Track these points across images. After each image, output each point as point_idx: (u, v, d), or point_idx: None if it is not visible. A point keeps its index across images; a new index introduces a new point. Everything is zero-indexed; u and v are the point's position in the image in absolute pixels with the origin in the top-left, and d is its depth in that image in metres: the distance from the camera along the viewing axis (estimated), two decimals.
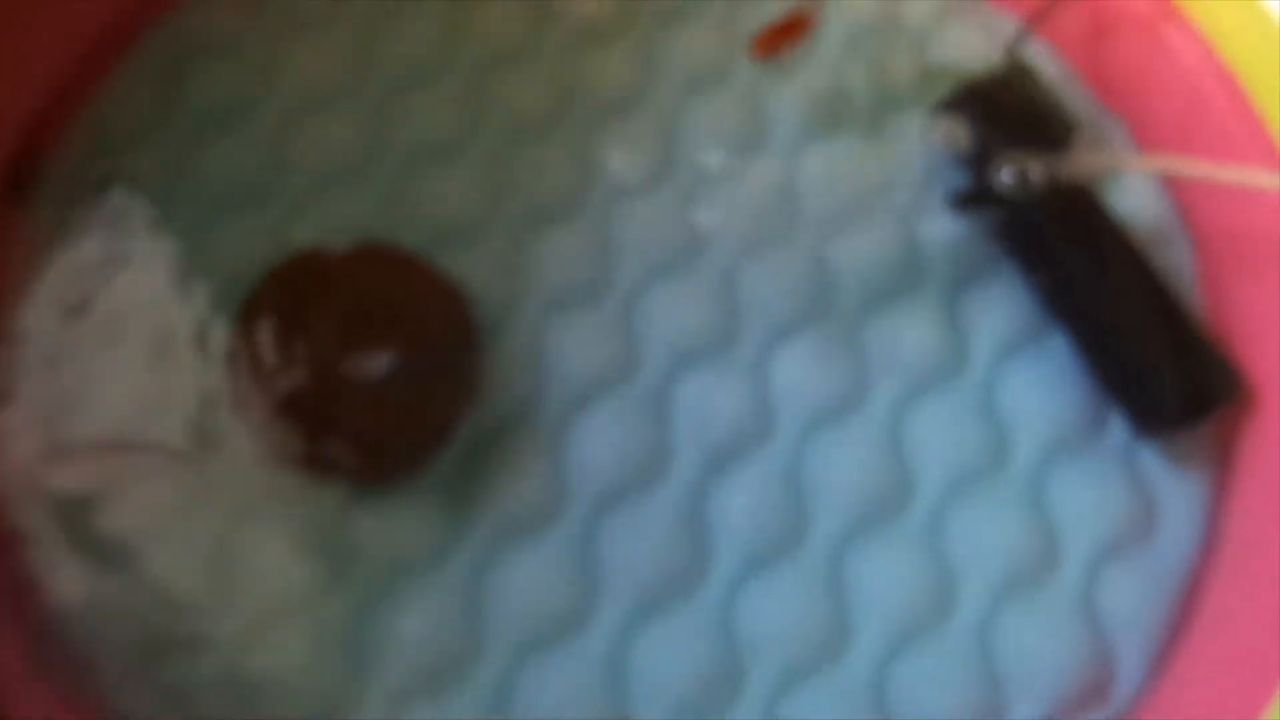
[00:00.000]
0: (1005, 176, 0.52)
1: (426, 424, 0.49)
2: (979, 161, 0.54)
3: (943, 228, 0.55)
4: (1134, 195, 0.56)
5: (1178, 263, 0.55)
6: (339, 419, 0.48)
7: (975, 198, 0.54)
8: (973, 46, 0.59)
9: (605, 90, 0.57)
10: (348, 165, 0.55)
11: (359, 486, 0.49)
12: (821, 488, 0.51)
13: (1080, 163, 0.52)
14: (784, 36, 0.58)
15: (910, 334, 0.54)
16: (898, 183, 0.56)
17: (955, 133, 0.54)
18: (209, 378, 0.50)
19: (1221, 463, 0.51)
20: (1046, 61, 0.58)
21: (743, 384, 0.52)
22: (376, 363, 0.48)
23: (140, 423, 0.49)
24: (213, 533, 0.48)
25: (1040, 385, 0.53)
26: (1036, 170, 0.52)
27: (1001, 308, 0.54)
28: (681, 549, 0.50)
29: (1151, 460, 0.51)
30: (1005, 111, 0.55)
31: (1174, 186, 0.57)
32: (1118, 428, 0.52)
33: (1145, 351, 0.51)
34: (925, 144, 0.56)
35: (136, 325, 0.51)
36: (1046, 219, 0.53)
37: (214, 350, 0.50)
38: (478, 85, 0.57)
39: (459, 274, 0.52)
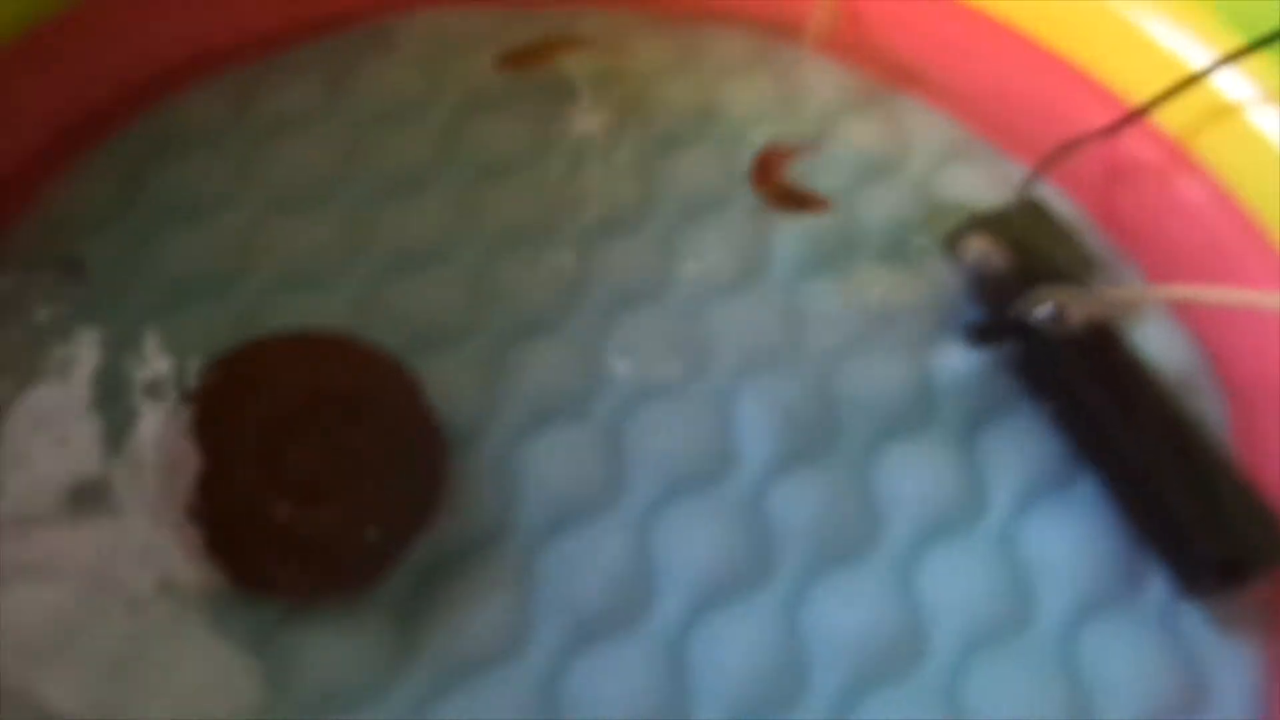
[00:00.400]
0: (1041, 313, 0.49)
1: (376, 535, 0.44)
2: (996, 293, 0.51)
3: (957, 361, 0.51)
4: (1159, 341, 0.52)
5: (1209, 414, 0.51)
6: (274, 524, 0.43)
7: (994, 331, 0.51)
8: (981, 187, 0.57)
9: (601, 206, 0.55)
10: (323, 263, 0.52)
11: (293, 603, 0.43)
12: (823, 638, 0.45)
13: (1110, 297, 0.49)
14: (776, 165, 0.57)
15: (923, 473, 0.49)
16: (906, 314, 0.53)
17: (986, 250, 0.51)
18: (139, 478, 0.44)
19: (1275, 626, 0.45)
20: (1058, 204, 0.56)
21: (738, 519, 0.47)
22: (320, 461, 0.43)
23: (55, 518, 0.43)
24: (112, 652, 0.41)
25: (1068, 535, 0.48)
26: (1075, 307, 0.49)
27: (1022, 448, 0.50)
28: (661, 701, 0.43)
29: (1196, 624, 0.46)
30: (1021, 245, 0.52)
31: (1201, 338, 0.54)
32: (1156, 585, 0.46)
33: (1182, 502, 0.46)
34: (940, 273, 0.53)
35: (72, 414, 0.46)
36: (1071, 357, 0.49)
37: (148, 449, 0.45)
38: (469, 194, 0.55)
39: (433, 381, 0.48)
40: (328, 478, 0.43)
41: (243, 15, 0.57)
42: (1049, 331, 0.49)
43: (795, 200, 0.56)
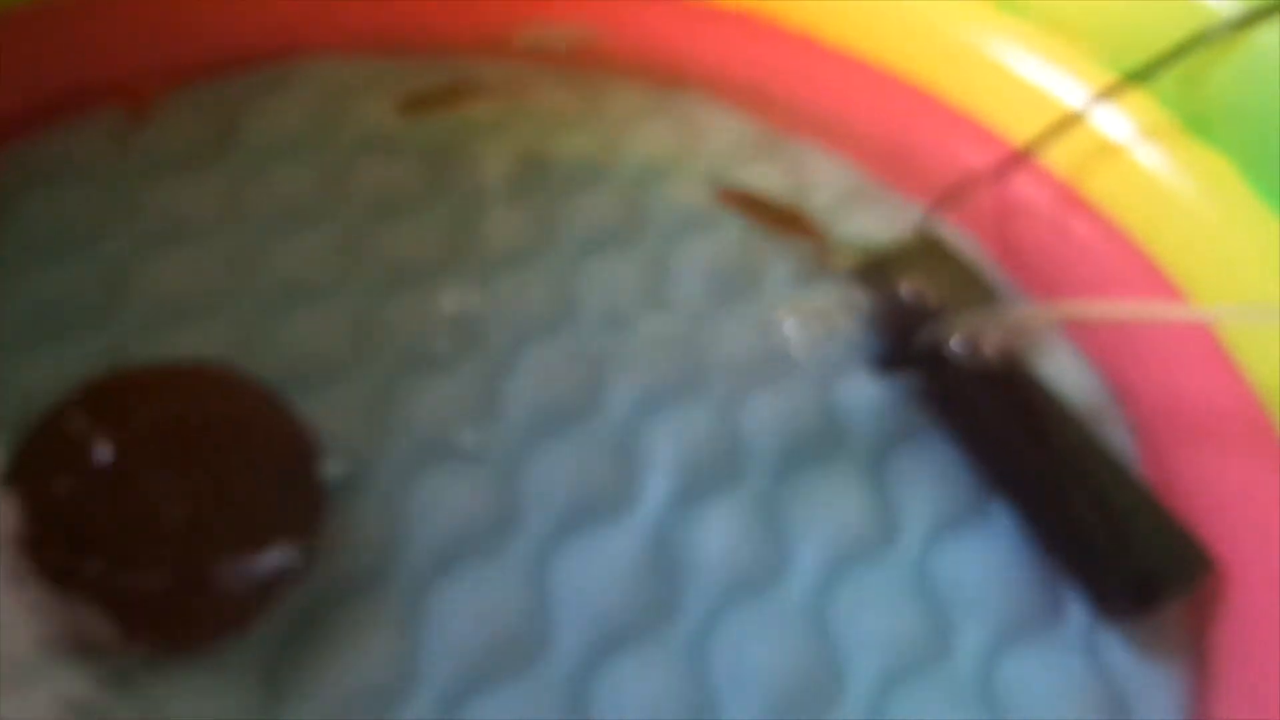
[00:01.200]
0: (949, 341, 0.49)
1: (242, 578, 0.40)
2: (901, 323, 0.51)
3: (864, 391, 0.50)
4: (1065, 373, 0.52)
5: (1118, 442, 0.51)
6: (124, 570, 0.39)
7: (901, 360, 0.50)
8: (883, 227, 0.57)
9: (497, 245, 0.54)
10: (202, 298, 0.49)
11: (144, 655, 0.38)
12: (734, 676, 0.42)
13: (1017, 318, 0.49)
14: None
15: (831, 504, 0.47)
16: (811, 345, 0.52)
17: (891, 281, 0.51)
18: None
19: (1198, 648, 0.44)
20: (958, 241, 0.57)
21: (639, 555, 0.45)
22: (179, 496, 0.40)
23: None
24: None
25: (983, 564, 0.46)
26: (983, 334, 0.48)
27: (933, 477, 0.48)
28: None
29: (1117, 648, 0.44)
30: (924, 277, 0.52)
31: (1107, 370, 0.53)
32: (1075, 612, 0.45)
33: (1094, 525, 0.45)
34: (844, 304, 0.53)
35: None
36: (980, 385, 0.49)
37: None
38: (359, 232, 0.53)
39: (317, 418, 0.45)
40: (188, 514, 0.40)
41: (126, 54, 0.55)
42: (957, 360, 0.49)
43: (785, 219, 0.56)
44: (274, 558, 0.40)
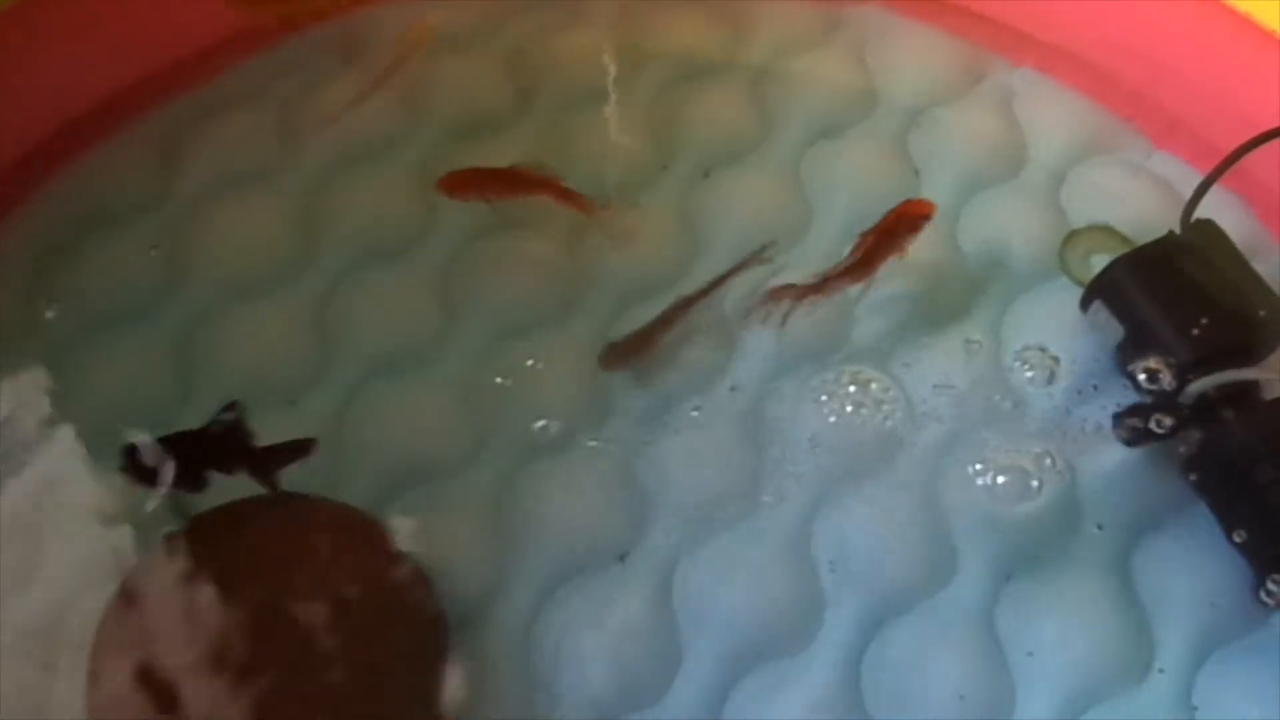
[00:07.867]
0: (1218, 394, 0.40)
1: None
2: (1161, 365, 0.42)
3: (1105, 459, 0.43)
4: None
5: None
6: None
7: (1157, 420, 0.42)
8: (1126, 192, 0.48)
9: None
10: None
11: None
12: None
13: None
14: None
15: (1070, 619, 0.41)
16: (1030, 396, 0.44)
17: (1109, 324, 0.43)
18: None
19: None
20: (1233, 218, 0.46)
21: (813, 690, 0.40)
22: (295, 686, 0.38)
23: None
24: None
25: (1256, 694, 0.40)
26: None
27: (1197, 577, 0.41)
28: None
29: None
30: (1190, 293, 0.42)
31: None
32: None
33: None
34: (1078, 339, 0.44)
35: None
36: (1258, 448, 0.40)
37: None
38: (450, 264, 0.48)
39: (417, 541, 0.41)
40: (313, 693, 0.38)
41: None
42: (1231, 418, 0.40)
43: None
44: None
